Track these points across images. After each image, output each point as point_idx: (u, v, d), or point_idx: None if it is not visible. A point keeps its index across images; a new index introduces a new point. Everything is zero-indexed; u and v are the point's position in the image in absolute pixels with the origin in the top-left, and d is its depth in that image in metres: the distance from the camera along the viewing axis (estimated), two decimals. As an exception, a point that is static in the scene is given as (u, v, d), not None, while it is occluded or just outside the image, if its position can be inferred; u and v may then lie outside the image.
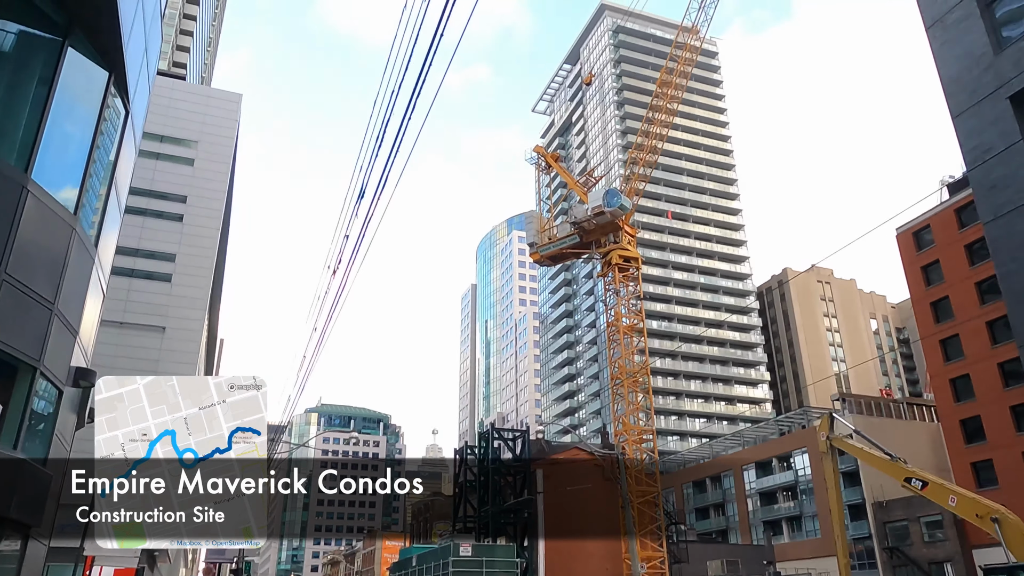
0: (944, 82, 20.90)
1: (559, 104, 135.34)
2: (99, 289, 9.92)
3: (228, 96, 46.38)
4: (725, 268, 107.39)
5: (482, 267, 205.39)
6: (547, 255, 55.47)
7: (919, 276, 58.58)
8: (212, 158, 43.74)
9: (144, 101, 11.14)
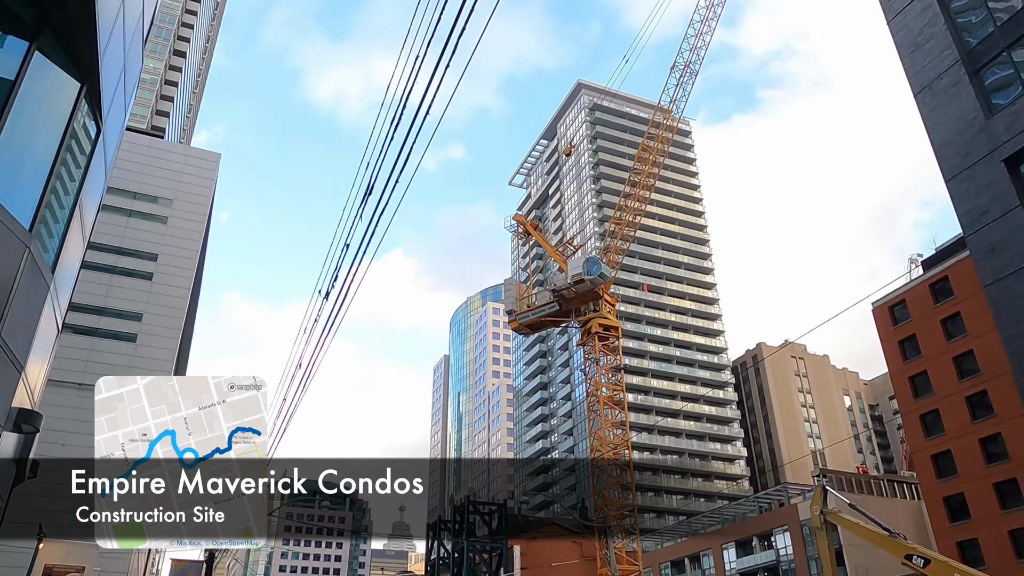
0: (936, 146, 20.88)
1: (536, 178, 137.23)
2: (54, 323, 8.84)
3: (206, 156, 45.84)
4: (700, 342, 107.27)
5: (456, 338, 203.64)
6: (526, 323, 54.63)
7: (896, 351, 58.59)
8: (186, 217, 42.78)
9: (119, 123, 10.31)
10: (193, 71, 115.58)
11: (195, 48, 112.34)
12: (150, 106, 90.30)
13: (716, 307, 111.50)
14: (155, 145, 45.69)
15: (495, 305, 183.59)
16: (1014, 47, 18.94)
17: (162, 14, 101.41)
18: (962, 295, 53.93)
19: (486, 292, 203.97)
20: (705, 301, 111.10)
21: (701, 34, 58.70)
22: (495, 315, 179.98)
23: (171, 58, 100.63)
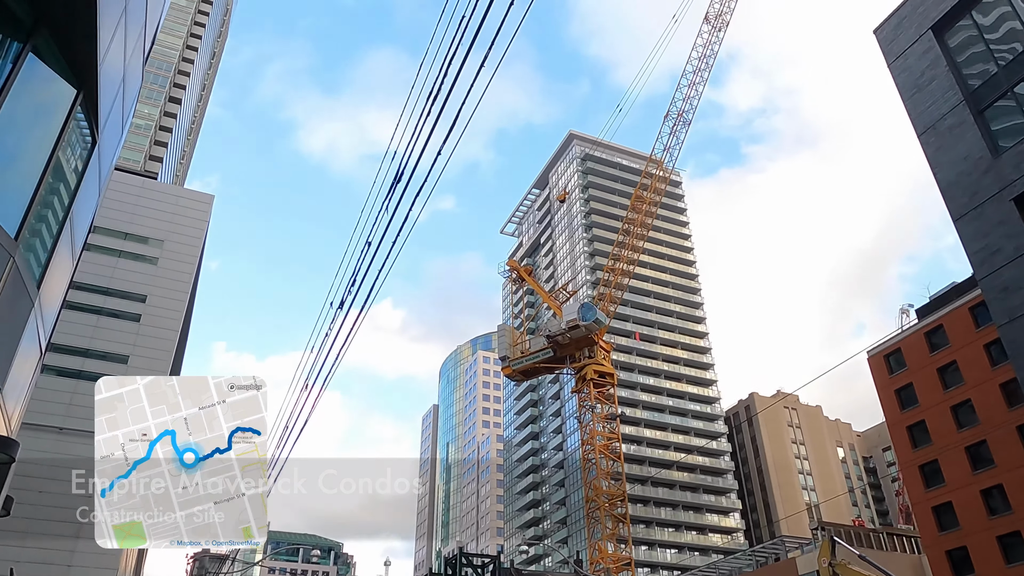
0: (942, 186, 20.70)
1: (528, 226, 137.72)
2: (37, 344, 8.18)
3: (199, 197, 45.47)
4: (693, 391, 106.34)
5: (445, 387, 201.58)
6: (519, 369, 53.82)
7: (893, 400, 58.00)
8: (177, 258, 42.16)
9: (116, 137, 9.82)
10: (187, 119, 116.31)
11: (191, 95, 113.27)
12: (144, 151, 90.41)
13: (708, 356, 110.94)
14: (147, 186, 45.29)
15: (486, 354, 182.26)
16: (1019, 87, 18.92)
17: (159, 61, 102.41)
18: (958, 344, 53.66)
19: (476, 340, 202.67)
20: (697, 350, 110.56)
21: (694, 84, 59.56)
22: (486, 364, 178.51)
23: (166, 104, 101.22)
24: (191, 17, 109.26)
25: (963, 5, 21.12)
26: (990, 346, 51.53)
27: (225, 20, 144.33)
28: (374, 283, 10.80)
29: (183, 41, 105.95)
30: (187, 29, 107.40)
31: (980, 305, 53.52)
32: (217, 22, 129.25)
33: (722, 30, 59.04)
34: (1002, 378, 50.05)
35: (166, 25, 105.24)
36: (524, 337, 57.15)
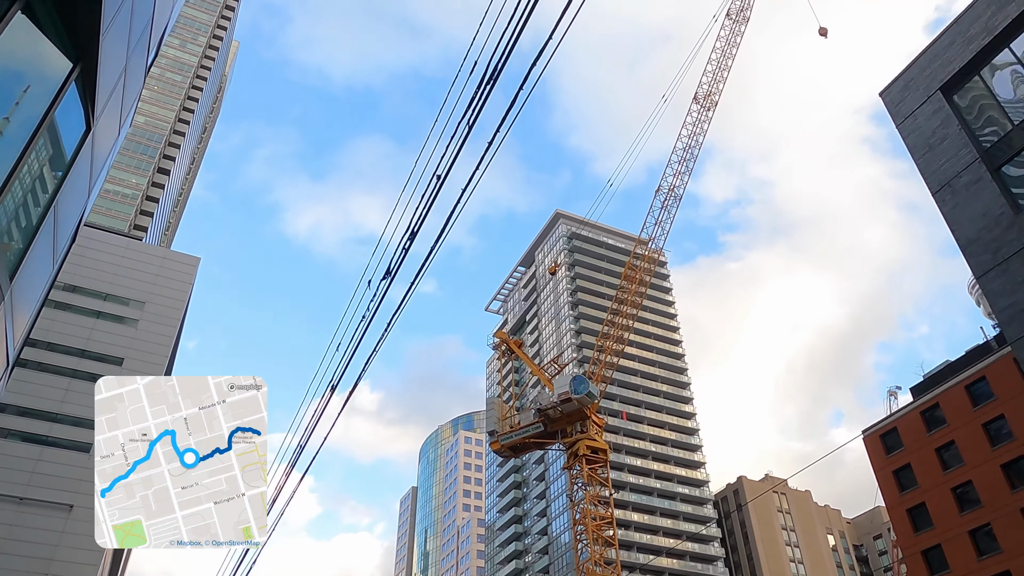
0: (961, 243, 20.13)
1: (513, 304, 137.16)
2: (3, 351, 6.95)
3: (184, 259, 44.32)
4: (682, 473, 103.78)
5: (424, 469, 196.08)
6: (508, 445, 51.91)
7: (892, 481, 56.44)
8: (158, 320, 40.66)
9: (113, 132, 8.85)
10: (174, 191, 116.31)
11: (179, 168, 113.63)
12: (129, 220, 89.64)
13: (696, 437, 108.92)
14: (130, 246, 44.19)
15: (467, 434, 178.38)
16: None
17: (150, 132, 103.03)
18: (956, 423, 52.68)
19: (458, 421, 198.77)
20: (685, 431, 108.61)
21: (684, 160, 60.28)
22: (467, 444, 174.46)
23: (155, 175, 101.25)
24: (185, 92, 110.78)
25: (972, 66, 21.12)
26: (988, 425, 50.63)
27: (218, 98, 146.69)
28: (359, 376, 11.05)
29: (175, 114, 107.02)
30: (180, 103, 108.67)
31: (976, 383, 52.96)
32: (209, 98, 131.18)
33: (711, 109, 60.23)
34: (1003, 458, 48.94)
35: (159, 98, 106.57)
36: (513, 411, 55.44)
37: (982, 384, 52.11)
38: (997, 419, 50.31)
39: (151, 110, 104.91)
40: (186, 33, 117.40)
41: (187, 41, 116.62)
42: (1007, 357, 50.57)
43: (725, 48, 61.19)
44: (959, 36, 21.92)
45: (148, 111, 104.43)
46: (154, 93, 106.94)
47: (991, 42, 21.17)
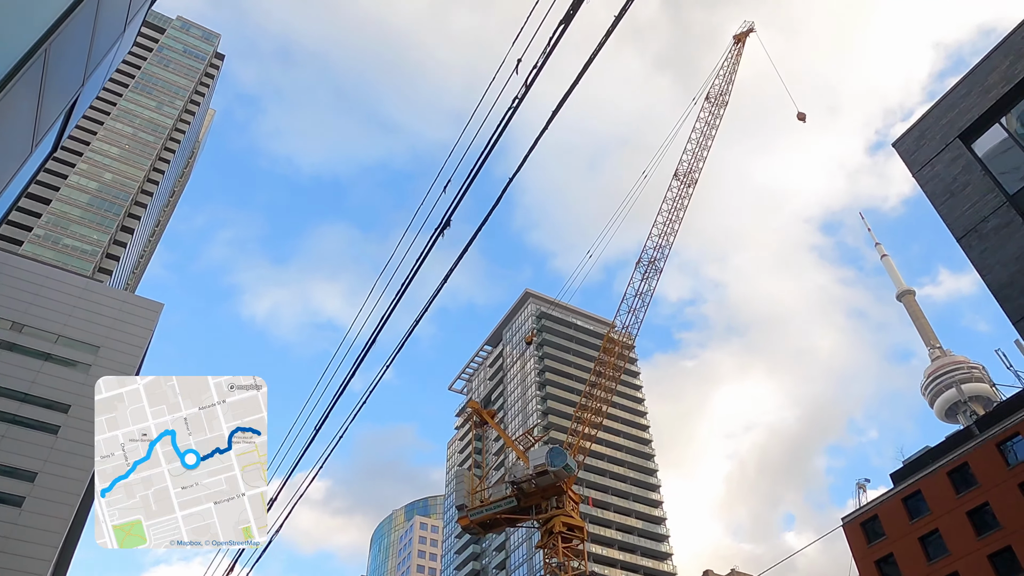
0: (993, 288, 19.26)
1: (478, 383, 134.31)
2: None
3: (146, 304, 41.78)
4: (649, 565, 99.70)
5: (376, 556, 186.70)
6: (477, 520, 48.81)
7: (874, 572, 54.19)
8: (113, 368, 37.72)
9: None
10: (136, 251, 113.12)
11: (143, 228, 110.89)
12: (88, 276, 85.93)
13: (664, 527, 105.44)
14: (90, 287, 41.58)
15: (423, 519, 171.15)
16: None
17: (116, 191, 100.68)
18: (939, 511, 51.19)
19: (413, 506, 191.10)
20: (652, 520, 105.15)
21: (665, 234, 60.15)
22: (423, 531, 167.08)
23: (118, 232, 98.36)
24: (156, 153, 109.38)
25: (991, 114, 20.83)
26: (973, 514, 49.25)
27: (189, 163, 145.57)
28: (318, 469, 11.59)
29: (144, 174, 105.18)
30: (151, 163, 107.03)
31: (958, 470, 51.87)
32: (181, 162, 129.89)
33: (691, 187, 60.70)
34: (990, 548, 47.36)
35: (129, 156, 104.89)
36: (483, 485, 52.46)
37: (964, 470, 51.03)
38: (982, 507, 48.99)
39: (120, 168, 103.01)
40: (163, 96, 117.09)
41: (163, 104, 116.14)
42: (989, 443, 49.83)
43: (705, 129, 62.32)
44: (975, 86, 21.75)
45: (117, 168, 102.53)
46: (125, 152, 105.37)
47: (1011, 91, 20.96)
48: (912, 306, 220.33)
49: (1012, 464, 47.89)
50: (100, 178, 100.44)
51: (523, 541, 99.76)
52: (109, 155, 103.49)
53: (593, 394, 53.40)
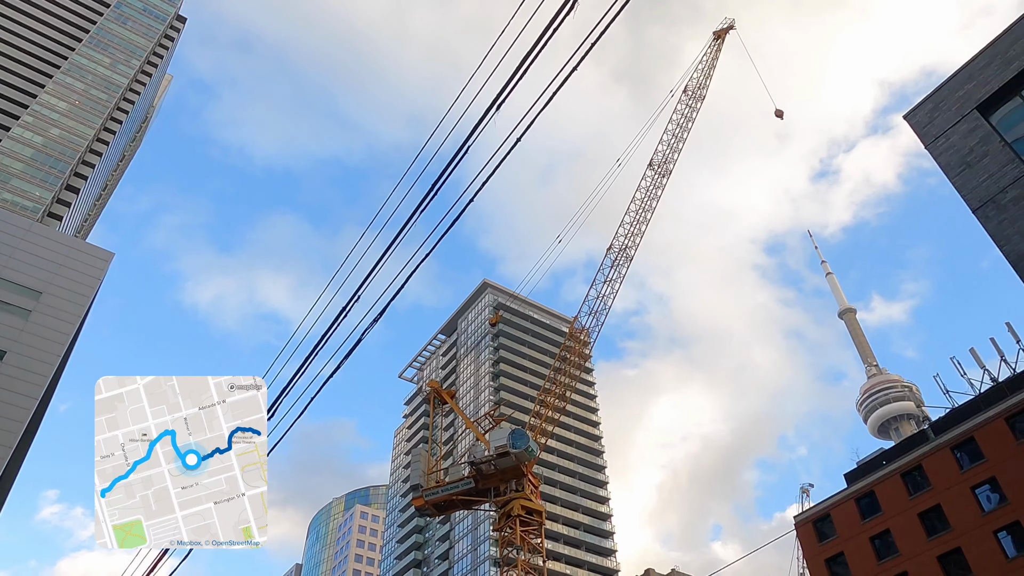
0: (1012, 259, 18.74)
1: (430, 371, 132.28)
2: None
3: (94, 251, 39.08)
4: (592, 560, 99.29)
5: (313, 545, 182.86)
6: (433, 501, 47.29)
7: (823, 570, 54.35)
8: (55, 315, 35.06)
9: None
10: (80, 216, 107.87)
11: (89, 191, 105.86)
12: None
13: (609, 523, 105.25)
14: (34, 229, 38.69)
15: (364, 508, 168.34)
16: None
17: (64, 148, 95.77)
18: (891, 511, 51.58)
19: (354, 495, 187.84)
20: (598, 516, 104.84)
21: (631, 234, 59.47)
22: (363, 520, 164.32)
23: (61, 192, 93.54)
24: (108, 112, 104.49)
25: (1013, 86, 20.29)
26: (924, 516, 49.75)
27: (142, 127, 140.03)
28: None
29: (95, 133, 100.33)
30: (101, 122, 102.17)
31: (912, 472, 52.40)
32: (133, 125, 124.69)
33: (666, 177, 60.17)
34: (939, 550, 47.85)
35: (79, 113, 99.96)
36: (440, 466, 50.89)
37: (918, 473, 51.55)
38: (934, 508, 49.50)
39: (68, 124, 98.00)
40: (118, 54, 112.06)
41: (118, 62, 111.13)
42: (944, 447, 50.42)
43: (682, 121, 61.90)
44: (996, 57, 21.21)
45: (65, 124, 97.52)
46: (74, 108, 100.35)
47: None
48: (852, 324, 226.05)
49: (965, 468, 48.51)
50: (46, 132, 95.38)
51: (467, 532, 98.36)
52: (57, 109, 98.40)
53: (557, 379, 52.37)
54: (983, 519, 46.03)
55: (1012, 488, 45.44)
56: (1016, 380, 51.41)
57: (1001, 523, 45.20)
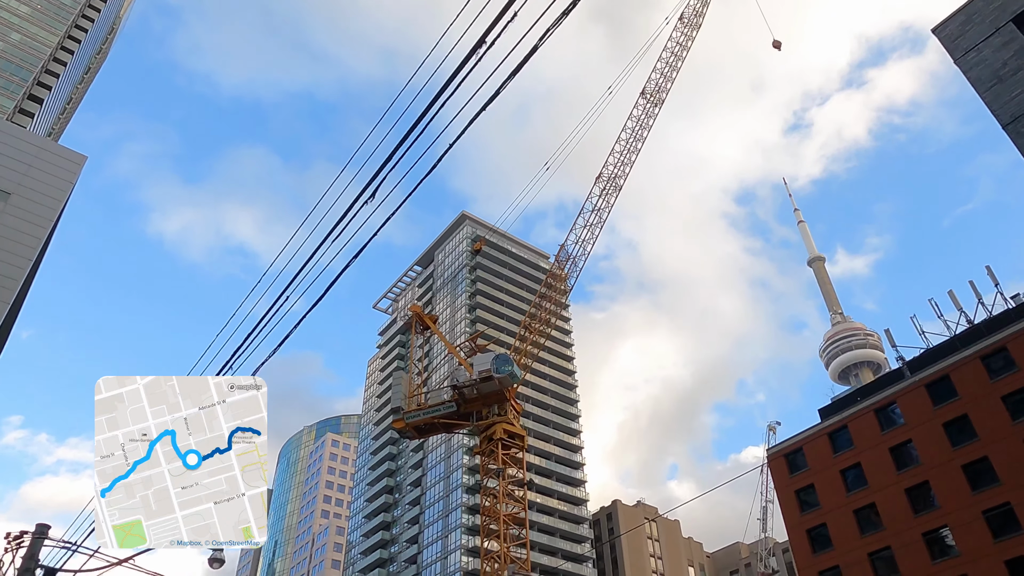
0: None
1: (405, 303, 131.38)
2: None
3: (66, 153, 37.09)
4: (562, 490, 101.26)
5: (283, 472, 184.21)
6: (413, 424, 47.10)
7: (793, 501, 55.78)
8: (24, 217, 33.35)
9: None
10: (44, 127, 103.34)
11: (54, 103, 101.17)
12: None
13: (580, 455, 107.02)
14: (2, 128, 36.59)
15: (335, 437, 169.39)
16: None
17: (26, 54, 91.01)
18: (863, 446, 52.72)
19: (325, 423, 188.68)
20: (569, 448, 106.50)
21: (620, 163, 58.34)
22: (334, 448, 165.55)
23: (24, 101, 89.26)
24: (73, 19, 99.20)
25: (1052, -3, 19.38)
26: (895, 450, 50.93)
27: (108, 39, 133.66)
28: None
29: (59, 40, 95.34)
30: (66, 29, 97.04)
31: (886, 408, 53.47)
32: (99, 35, 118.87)
33: (658, 107, 58.85)
34: (908, 483, 49.18)
35: (41, 18, 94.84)
36: (421, 390, 50.62)
37: (893, 410, 52.56)
38: (904, 444, 50.67)
39: (30, 29, 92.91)
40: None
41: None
42: (919, 385, 51.32)
43: (676, 50, 60.23)
44: (1036, -32, 20.32)
45: (26, 30, 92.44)
46: (36, 12, 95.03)
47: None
48: (821, 272, 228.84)
49: (938, 405, 49.48)
50: (5, 38, 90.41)
51: (440, 460, 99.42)
52: (17, 13, 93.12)
53: (542, 307, 51.93)
54: (952, 454, 47.20)
55: (982, 425, 46.52)
56: (993, 322, 52.20)
57: (969, 458, 46.40)
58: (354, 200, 9.95)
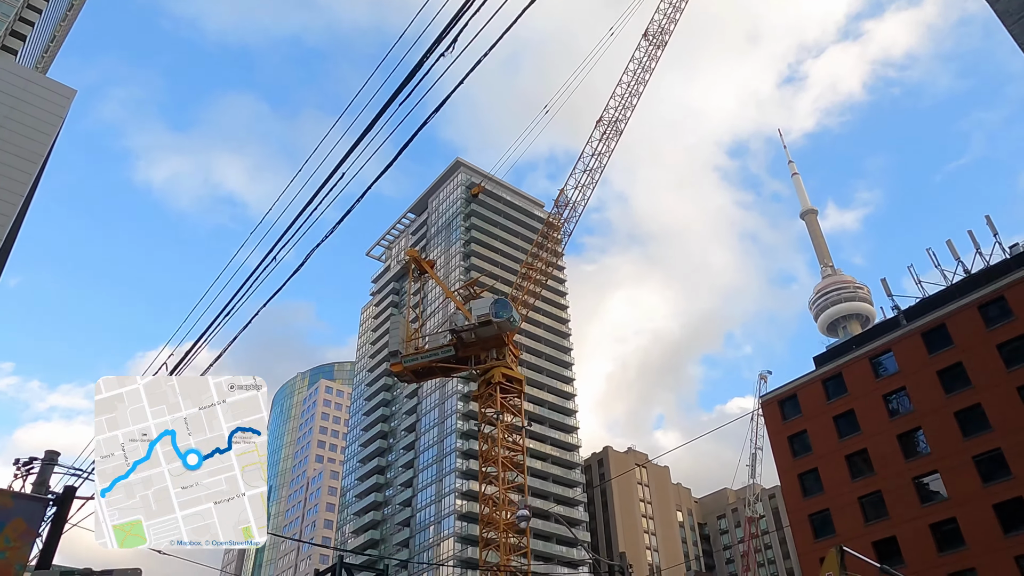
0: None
1: (398, 251, 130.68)
2: None
3: (55, 87, 36.02)
4: (554, 436, 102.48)
5: (277, 418, 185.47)
6: (412, 368, 47.03)
7: (785, 446, 56.52)
8: (14, 151, 32.47)
9: None
10: (31, 60, 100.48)
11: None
12: None
13: (573, 402, 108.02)
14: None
15: (328, 383, 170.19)
16: None
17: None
18: (857, 393, 53.18)
19: (318, 370, 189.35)
20: (562, 395, 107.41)
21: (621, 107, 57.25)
22: (328, 395, 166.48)
23: (6, 38, 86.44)
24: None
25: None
26: (889, 397, 51.46)
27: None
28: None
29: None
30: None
31: (881, 356, 53.81)
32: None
33: (661, 48, 57.57)
34: (900, 429, 49.81)
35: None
36: (419, 333, 50.48)
37: (887, 357, 52.90)
38: (898, 391, 51.15)
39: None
40: None
41: None
42: (914, 333, 51.58)
43: None
44: None
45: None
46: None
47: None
48: (813, 224, 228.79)
49: (934, 352, 49.80)
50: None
51: (435, 406, 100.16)
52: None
53: (540, 255, 51.55)
54: (946, 401, 47.69)
55: (977, 373, 46.91)
56: (991, 271, 52.27)
57: (962, 405, 46.89)
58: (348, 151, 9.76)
